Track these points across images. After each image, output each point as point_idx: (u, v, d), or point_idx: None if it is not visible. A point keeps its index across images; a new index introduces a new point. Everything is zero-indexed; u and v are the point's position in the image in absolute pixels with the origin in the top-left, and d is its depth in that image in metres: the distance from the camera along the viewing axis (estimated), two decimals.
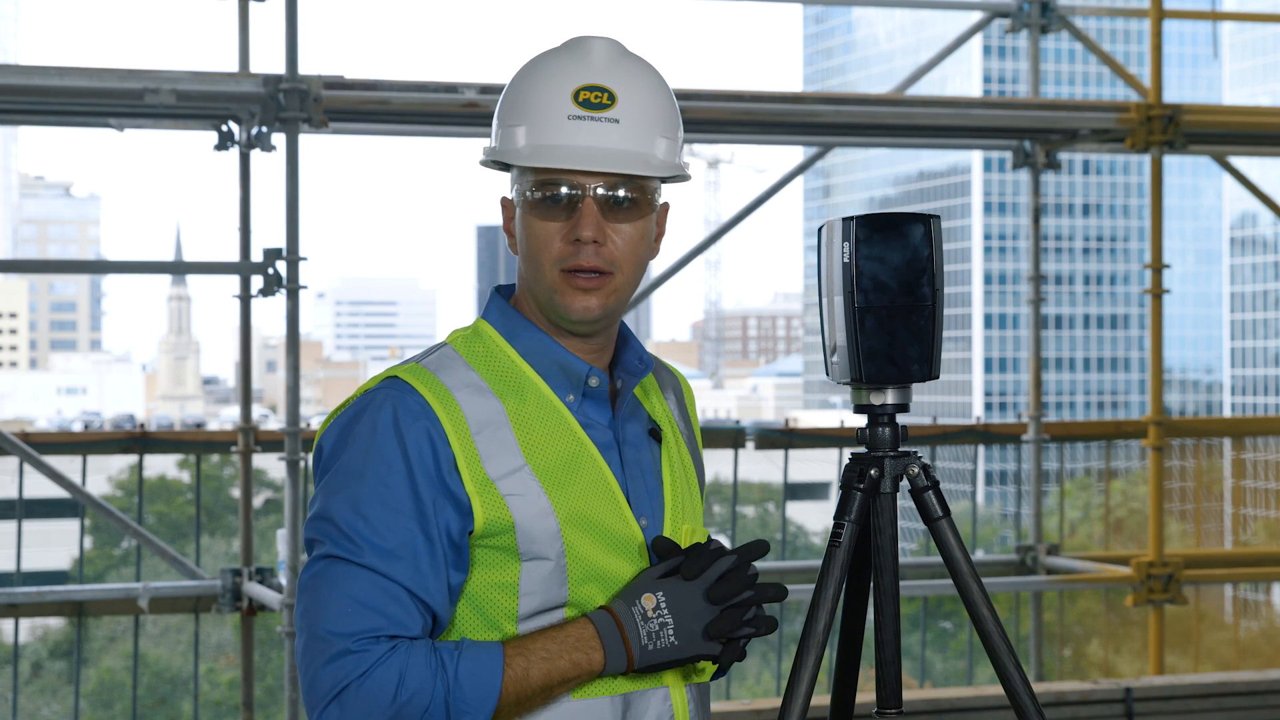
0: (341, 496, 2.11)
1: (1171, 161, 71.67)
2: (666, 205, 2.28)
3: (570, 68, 2.20)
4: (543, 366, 2.22)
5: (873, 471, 2.44)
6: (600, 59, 2.21)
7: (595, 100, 2.18)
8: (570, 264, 2.17)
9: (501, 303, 2.27)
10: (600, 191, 2.17)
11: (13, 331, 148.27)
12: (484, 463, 2.14)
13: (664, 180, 2.25)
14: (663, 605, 2.11)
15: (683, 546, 2.25)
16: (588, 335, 2.23)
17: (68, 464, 7.21)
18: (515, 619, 2.15)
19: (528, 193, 2.19)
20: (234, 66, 6.82)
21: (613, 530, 2.19)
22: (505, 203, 2.26)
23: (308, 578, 2.11)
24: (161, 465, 36.12)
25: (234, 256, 6.82)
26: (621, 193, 2.18)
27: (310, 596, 2.10)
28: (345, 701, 2.05)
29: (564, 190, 2.17)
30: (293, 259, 6.53)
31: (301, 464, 6.64)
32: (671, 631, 2.10)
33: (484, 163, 2.26)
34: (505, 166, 2.25)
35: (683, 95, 7.04)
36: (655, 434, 2.29)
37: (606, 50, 2.22)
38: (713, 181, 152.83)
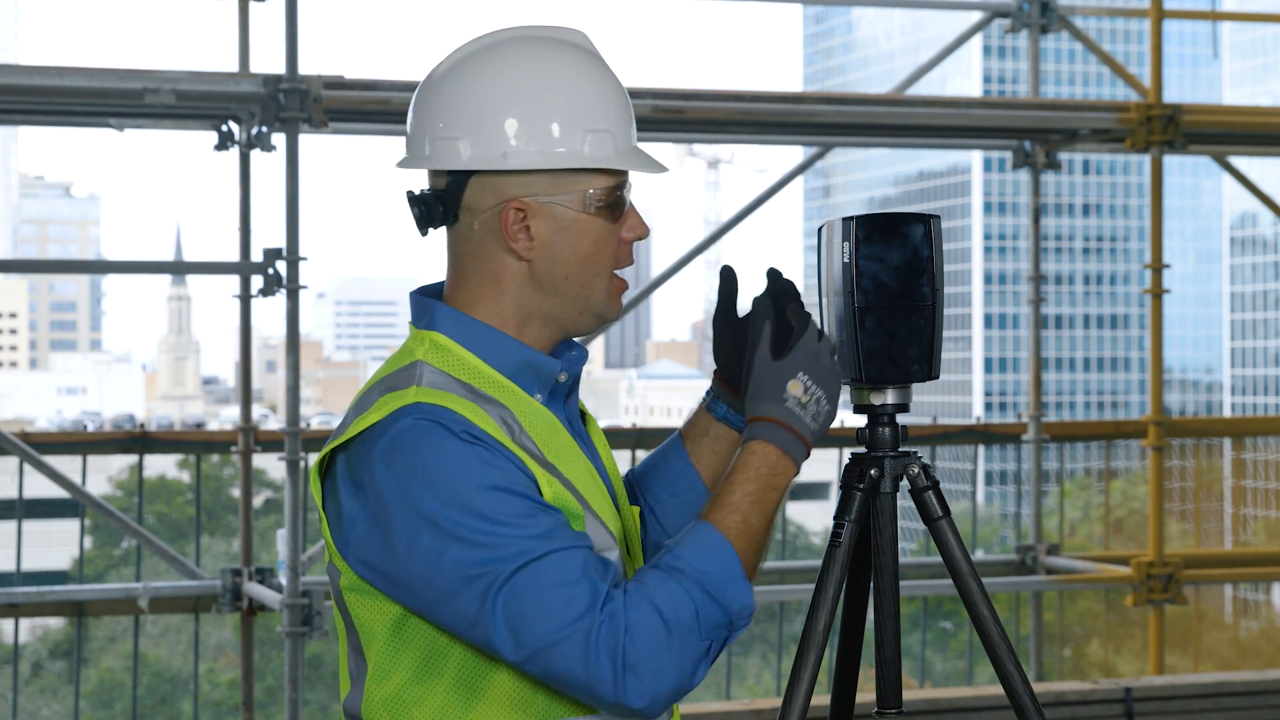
0: (460, 530, 2.00)
1: (1171, 161, 71.56)
2: None
3: (595, 70, 2.16)
4: (510, 369, 2.14)
5: (873, 471, 2.44)
6: (601, 61, 2.20)
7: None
8: (624, 264, 2.18)
9: (450, 311, 2.15)
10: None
11: (13, 331, 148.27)
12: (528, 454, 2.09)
13: None
14: (809, 385, 2.14)
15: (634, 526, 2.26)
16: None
17: (68, 464, 7.21)
18: None
19: (594, 197, 2.13)
20: (234, 66, 6.82)
21: (606, 516, 2.14)
22: (523, 207, 2.11)
23: (501, 613, 1.99)
24: (161, 465, 36.11)
25: (234, 256, 6.81)
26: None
27: (516, 623, 1.98)
28: (629, 662, 1.97)
29: (622, 193, 2.16)
30: (293, 259, 6.52)
31: (301, 464, 6.63)
32: (825, 401, 2.15)
33: (567, 169, 2.12)
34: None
35: (683, 95, 7.05)
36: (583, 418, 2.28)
37: (594, 49, 2.22)
38: (713, 181, 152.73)
